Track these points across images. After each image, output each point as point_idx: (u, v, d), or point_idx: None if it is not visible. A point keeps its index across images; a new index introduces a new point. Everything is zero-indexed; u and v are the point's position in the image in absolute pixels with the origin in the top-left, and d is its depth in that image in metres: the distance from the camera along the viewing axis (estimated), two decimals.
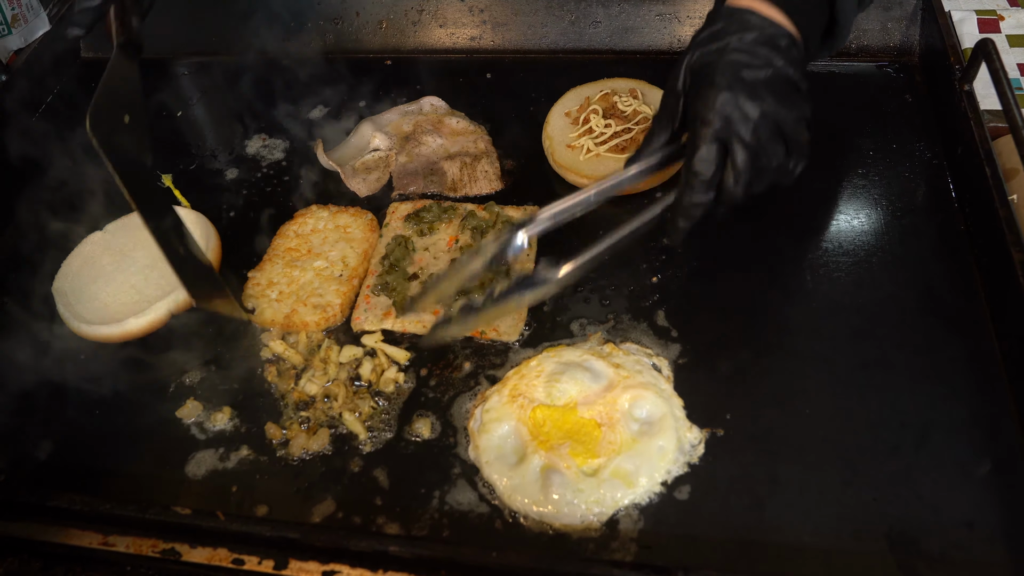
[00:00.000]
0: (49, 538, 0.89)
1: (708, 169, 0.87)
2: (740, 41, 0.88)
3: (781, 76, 0.87)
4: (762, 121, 0.85)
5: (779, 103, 0.86)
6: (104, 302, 1.10)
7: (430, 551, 0.84)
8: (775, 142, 0.87)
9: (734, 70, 0.86)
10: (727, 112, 0.85)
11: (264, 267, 1.15)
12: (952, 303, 1.02)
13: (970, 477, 0.87)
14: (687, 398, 0.96)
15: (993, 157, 1.06)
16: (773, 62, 0.87)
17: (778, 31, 0.89)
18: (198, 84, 1.49)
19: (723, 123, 0.85)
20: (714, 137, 0.86)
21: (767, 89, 0.86)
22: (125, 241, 1.17)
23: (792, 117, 0.87)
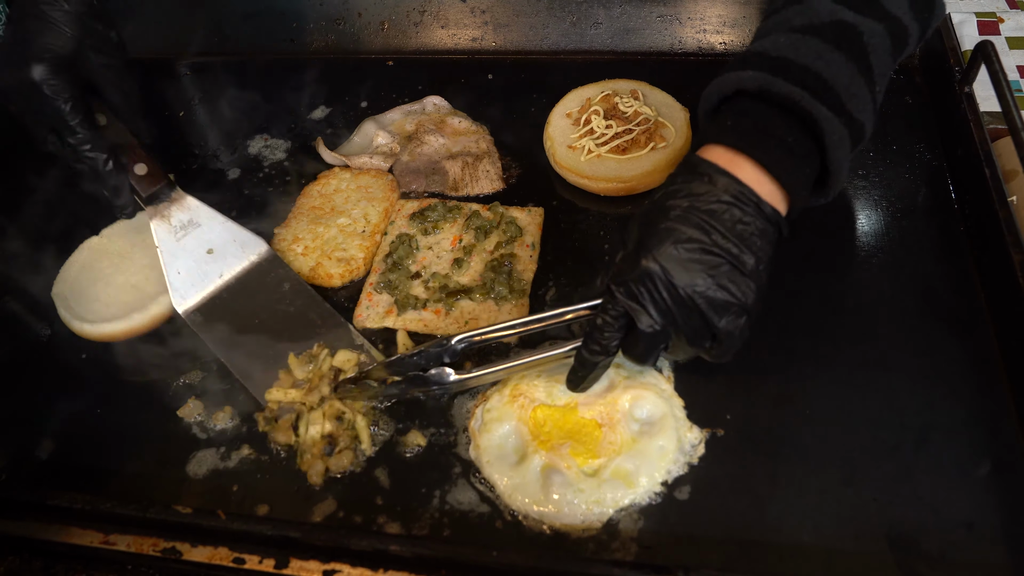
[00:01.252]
0: (50, 537, 0.89)
1: (609, 328, 0.83)
2: (687, 208, 0.81)
3: (721, 255, 0.79)
4: (678, 300, 0.79)
5: (706, 285, 0.78)
6: (105, 303, 1.10)
7: (431, 550, 0.84)
8: (692, 326, 0.80)
9: (664, 240, 0.80)
10: (640, 285, 0.80)
11: (289, 224, 1.21)
12: (952, 304, 1.02)
13: (970, 477, 0.87)
14: (687, 398, 0.96)
15: (993, 159, 1.06)
16: (714, 235, 0.79)
17: (741, 195, 0.81)
18: (200, 84, 1.49)
19: (632, 293, 0.80)
20: (619, 303, 0.81)
21: (696, 269, 0.78)
22: (122, 244, 1.17)
23: (716, 302, 0.79)
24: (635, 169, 1.18)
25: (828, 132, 0.84)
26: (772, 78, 0.84)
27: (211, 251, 1.09)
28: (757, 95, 0.86)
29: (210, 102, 1.46)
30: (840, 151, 0.85)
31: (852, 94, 0.86)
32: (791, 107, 0.84)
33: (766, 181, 0.83)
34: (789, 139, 0.84)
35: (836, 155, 0.85)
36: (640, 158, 1.19)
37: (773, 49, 0.88)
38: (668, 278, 0.79)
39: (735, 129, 0.85)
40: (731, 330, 0.80)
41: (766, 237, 0.82)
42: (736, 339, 0.82)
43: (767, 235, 0.82)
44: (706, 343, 0.83)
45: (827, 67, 0.85)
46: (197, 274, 1.08)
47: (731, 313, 0.80)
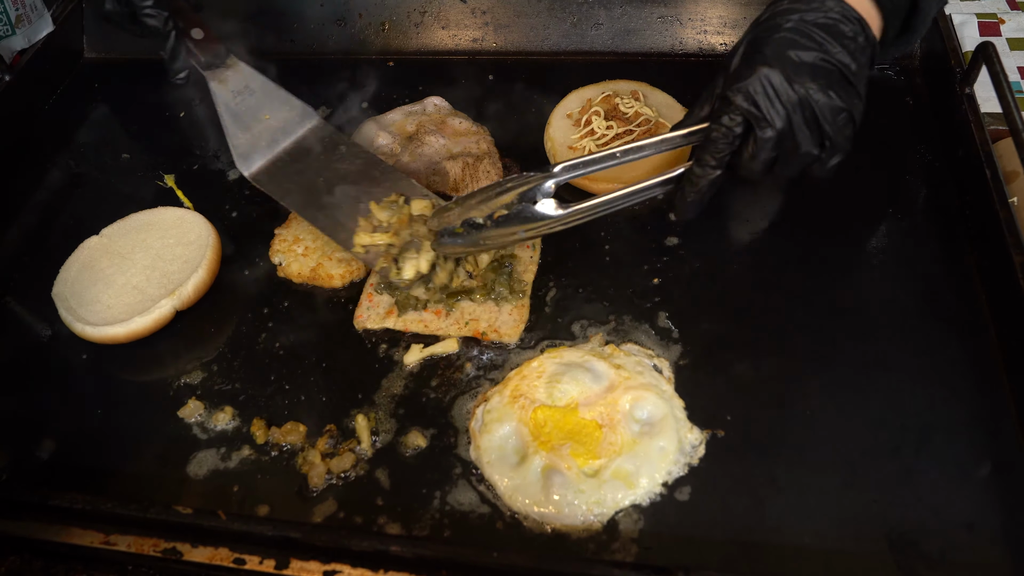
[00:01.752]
0: (51, 537, 0.89)
1: (725, 140, 0.85)
2: (799, 21, 0.85)
3: (832, 62, 0.83)
4: (795, 105, 0.82)
5: (821, 90, 0.82)
6: (107, 304, 1.10)
7: (431, 551, 0.84)
8: (808, 129, 0.84)
9: (781, 48, 0.84)
10: (759, 87, 0.83)
11: (290, 224, 1.21)
12: (952, 305, 1.02)
13: (970, 478, 0.88)
14: (688, 399, 0.96)
15: (993, 160, 1.06)
16: (826, 47, 0.83)
17: (847, 14, 0.85)
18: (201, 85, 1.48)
19: (752, 98, 0.83)
20: (740, 110, 0.84)
21: (811, 73, 0.82)
22: (123, 244, 1.17)
23: (832, 107, 0.83)
24: (636, 170, 1.18)
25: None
26: None
27: (268, 117, 1.14)
28: None
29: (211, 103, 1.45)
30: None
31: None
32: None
33: (868, 5, 0.87)
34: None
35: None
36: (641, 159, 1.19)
37: None
38: (786, 82, 0.82)
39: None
40: (840, 137, 0.84)
41: (867, 55, 0.87)
42: (842, 146, 0.85)
43: (867, 53, 0.87)
44: (815, 149, 0.85)
45: None
46: (258, 138, 1.13)
47: (841, 118, 0.84)
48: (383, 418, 0.99)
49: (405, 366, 1.03)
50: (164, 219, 1.20)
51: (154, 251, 1.15)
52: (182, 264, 1.13)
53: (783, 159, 0.87)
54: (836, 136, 0.85)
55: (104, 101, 1.50)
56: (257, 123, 1.14)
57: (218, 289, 1.15)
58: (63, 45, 1.54)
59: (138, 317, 1.07)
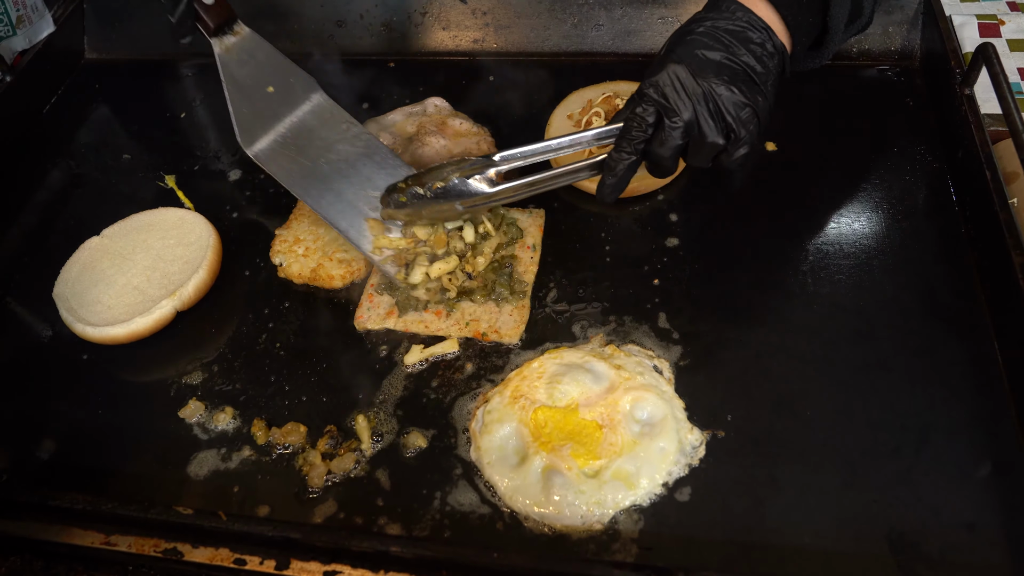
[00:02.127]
0: (51, 537, 0.89)
1: (638, 128, 0.92)
2: (710, 27, 0.93)
3: (737, 62, 0.91)
4: (700, 96, 0.90)
5: (725, 85, 0.89)
6: (107, 304, 1.10)
7: (431, 552, 0.84)
8: (712, 120, 0.90)
9: (690, 48, 0.92)
10: (668, 80, 0.90)
11: (291, 225, 1.20)
12: (952, 305, 1.02)
13: (970, 479, 0.88)
14: (688, 400, 0.96)
15: (993, 161, 1.06)
16: (732, 49, 0.92)
17: (754, 23, 0.93)
18: (202, 85, 1.49)
19: (661, 90, 0.90)
20: (651, 100, 0.91)
21: (716, 70, 0.90)
22: (123, 245, 1.17)
23: (735, 101, 0.90)
24: None
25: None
26: None
27: (271, 89, 1.11)
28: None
29: (212, 103, 1.46)
30: (840, 11, 0.98)
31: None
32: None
33: (775, 19, 0.95)
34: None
35: (836, 13, 0.98)
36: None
37: None
38: (693, 76, 0.90)
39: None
40: (743, 129, 0.91)
41: (774, 60, 0.94)
42: (746, 139, 0.92)
43: (774, 59, 0.94)
44: (720, 139, 0.92)
45: None
46: (261, 112, 1.10)
47: (745, 112, 0.90)
48: (384, 419, 0.99)
49: (405, 367, 1.04)
50: (165, 220, 1.20)
51: (155, 252, 1.16)
52: (183, 265, 1.13)
53: (692, 148, 0.94)
54: (739, 128, 0.91)
55: (105, 101, 1.51)
56: (260, 95, 1.11)
57: (219, 290, 1.15)
58: (64, 45, 1.54)
59: (139, 318, 1.07)
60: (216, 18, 1.08)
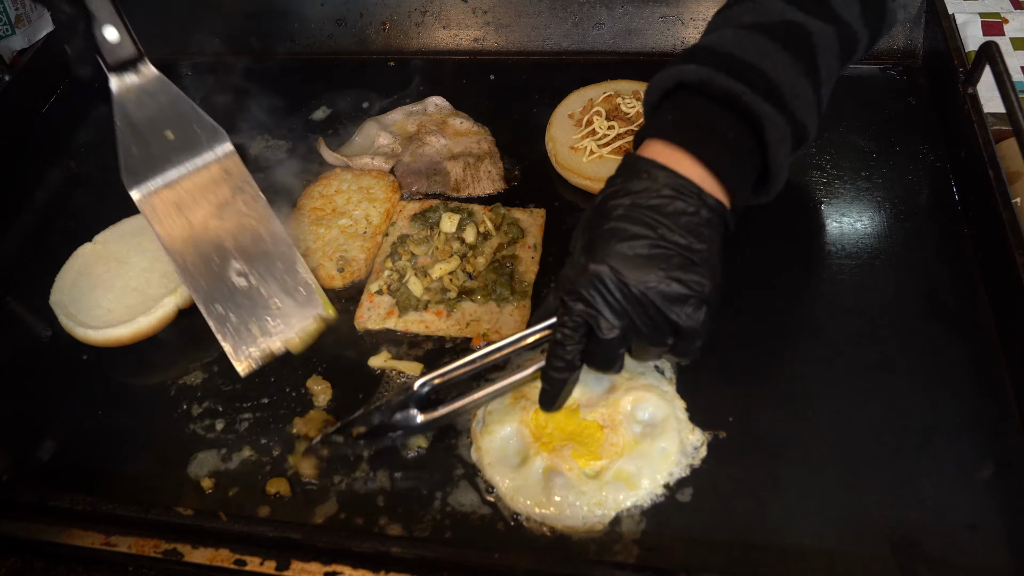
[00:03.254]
0: (51, 538, 0.89)
1: (570, 341, 0.81)
2: (629, 206, 0.79)
3: (669, 246, 0.77)
4: (634, 301, 0.77)
5: (660, 280, 0.76)
6: (107, 308, 1.10)
7: (432, 552, 0.84)
8: (652, 323, 0.78)
9: (611, 241, 0.78)
10: (592, 289, 0.78)
11: (290, 225, 1.19)
12: (955, 306, 1.02)
13: (973, 480, 0.87)
14: (690, 400, 0.96)
15: (996, 160, 1.06)
16: (660, 231, 0.77)
17: (682, 188, 0.79)
18: (201, 85, 1.49)
19: (586, 299, 0.78)
20: (575, 312, 0.79)
21: (646, 264, 0.77)
22: (118, 249, 1.17)
23: (674, 296, 0.77)
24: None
25: (769, 129, 0.82)
26: (715, 72, 0.83)
27: (171, 135, 1.00)
28: (698, 90, 0.85)
29: (211, 103, 1.46)
30: (781, 149, 0.84)
31: (796, 94, 0.84)
32: (732, 103, 0.83)
33: (707, 176, 0.81)
34: (730, 135, 0.83)
35: (777, 152, 0.84)
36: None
37: (719, 45, 0.86)
38: (619, 277, 0.77)
39: (675, 124, 0.84)
40: (691, 324, 0.78)
41: (712, 226, 0.80)
42: (698, 332, 0.79)
43: (713, 224, 0.80)
44: (668, 340, 0.80)
45: (772, 66, 0.84)
46: (154, 156, 1.00)
47: (689, 305, 0.77)
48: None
49: (370, 366, 1.03)
50: None
51: (150, 253, 1.15)
52: None
53: (636, 351, 0.83)
54: (688, 324, 0.78)
55: (104, 101, 1.49)
56: (156, 138, 0.99)
57: None
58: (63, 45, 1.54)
59: (141, 317, 1.07)
60: (117, 54, 0.98)
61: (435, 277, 1.09)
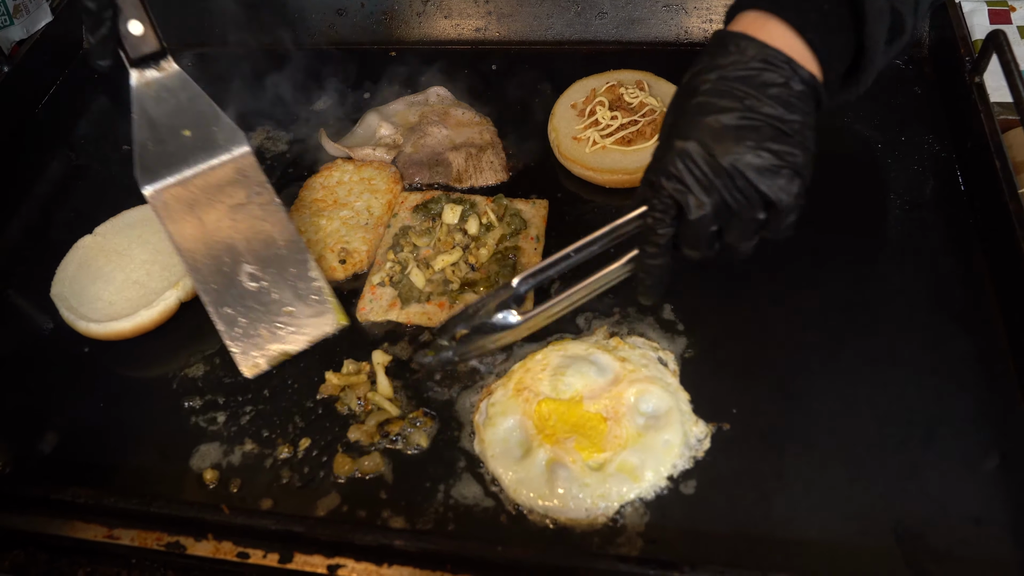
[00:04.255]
0: (54, 531, 0.89)
1: (661, 225, 0.79)
2: (717, 80, 0.77)
3: (759, 117, 0.75)
4: (724, 174, 0.75)
5: (750, 151, 0.74)
6: (109, 301, 1.09)
7: (435, 545, 0.84)
8: (744, 197, 0.76)
9: (697, 115, 0.76)
10: (680, 165, 0.76)
11: (292, 216, 1.19)
12: (961, 297, 1.01)
13: (978, 472, 0.87)
14: (693, 392, 0.95)
15: (1003, 150, 1.05)
16: (749, 102, 0.75)
17: (771, 59, 0.76)
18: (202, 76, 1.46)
19: (675, 177, 0.76)
20: (664, 193, 0.77)
21: (735, 136, 0.75)
22: (118, 241, 1.17)
23: (767, 167, 0.74)
24: (640, 161, 1.17)
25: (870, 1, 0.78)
26: None
27: (188, 133, 0.99)
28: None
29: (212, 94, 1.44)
30: (879, 28, 0.79)
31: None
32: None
33: (801, 47, 0.78)
34: (826, 6, 0.79)
35: (874, 31, 0.79)
36: (645, 150, 1.18)
37: None
38: (707, 152, 0.75)
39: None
40: (784, 196, 0.76)
41: (805, 99, 0.77)
42: (791, 206, 0.77)
43: (805, 97, 0.77)
44: (759, 215, 0.78)
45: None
46: (170, 154, 0.98)
47: (781, 177, 0.75)
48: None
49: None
50: None
51: (151, 245, 1.15)
52: None
53: (729, 231, 0.80)
54: (780, 196, 0.76)
55: (104, 92, 1.50)
56: (174, 137, 0.99)
57: None
58: (62, 35, 1.53)
59: (144, 310, 1.07)
60: (140, 49, 0.98)
61: (437, 269, 1.08)
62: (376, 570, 0.83)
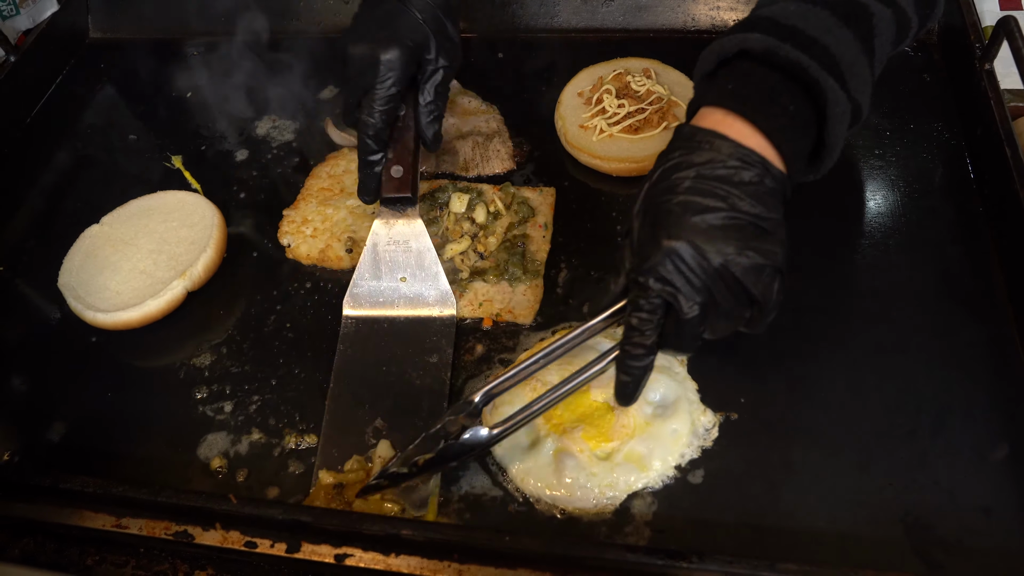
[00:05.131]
0: (63, 520, 0.89)
1: (648, 325, 0.78)
2: (696, 178, 0.77)
3: (743, 219, 0.76)
4: (714, 275, 0.75)
5: (738, 252, 0.74)
6: (116, 290, 1.10)
7: (442, 535, 0.84)
8: (732, 297, 0.76)
9: (682, 214, 0.76)
10: (670, 266, 0.75)
11: (298, 205, 1.19)
12: (970, 286, 1.01)
13: (987, 462, 0.87)
14: (701, 381, 0.95)
15: (1013, 138, 1.04)
16: (732, 200, 0.76)
17: (746, 158, 0.77)
18: (208, 65, 1.48)
19: (665, 278, 0.76)
20: (654, 293, 0.76)
21: (723, 236, 0.75)
22: (124, 231, 1.17)
23: (753, 267, 0.75)
24: (647, 149, 1.17)
25: (832, 103, 0.80)
26: (780, 43, 0.81)
27: (404, 280, 1.06)
28: (761, 59, 0.82)
29: (218, 83, 1.45)
30: (840, 126, 0.82)
31: (855, 73, 0.83)
32: (796, 74, 0.81)
33: (768, 147, 0.79)
34: (791, 107, 0.81)
35: (836, 129, 0.82)
36: (653, 138, 1.17)
37: (782, 16, 0.84)
38: (698, 252, 0.75)
39: (736, 93, 0.82)
40: (770, 295, 0.77)
41: (776, 196, 0.79)
42: (774, 302, 0.78)
43: (777, 194, 0.79)
44: (746, 313, 0.79)
45: (835, 42, 0.82)
46: (380, 292, 1.06)
47: (765, 275, 0.76)
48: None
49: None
50: (164, 203, 1.20)
51: (158, 235, 1.15)
52: (189, 246, 1.13)
53: (712, 329, 0.80)
54: (766, 295, 0.76)
55: (110, 82, 1.49)
56: (390, 278, 1.06)
57: (226, 271, 1.14)
58: (68, 25, 1.53)
59: (151, 300, 1.07)
60: (393, 190, 1.05)
61: (446, 258, 1.08)
62: (383, 560, 0.83)
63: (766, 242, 0.76)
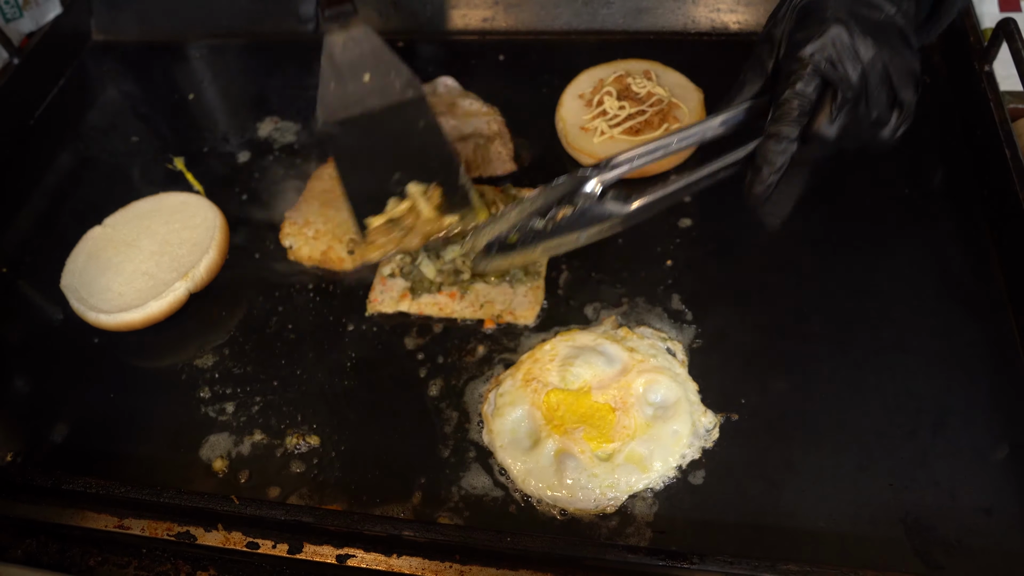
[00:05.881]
0: (66, 521, 0.89)
1: (803, 103, 0.79)
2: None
3: (894, 24, 0.80)
4: (872, 63, 0.78)
5: (892, 50, 0.78)
6: (118, 291, 1.10)
7: (444, 535, 0.84)
8: (881, 90, 0.79)
9: (847, 6, 0.79)
10: (836, 46, 0.77)
11: (300, 207, 1.19)
12: (970, 286, 1.01)
13: (988, 462, 0.87)
14: (702, 382, 0.95)
15: (1013, 139, 1.04)
16: (884, 8, 0.80)
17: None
18: (210, 67, 1.48)
19: (829, 57, 0.78)
20: (816, 71, 0.78)
21: (880, 33, 0.78)
22: (127, 232, 1.17)
23: (902, 68, 0.79)
24: None
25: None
26: None
27: (368, 77, 1.07)
28: None
29: (220, 84, 1.45)
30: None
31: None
32: None
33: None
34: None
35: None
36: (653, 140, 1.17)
37: None
38: (859, 40, 0.77)
39: None
40: (912, 101, 0.80)
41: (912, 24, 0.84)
42: (911, 109, 0.81)
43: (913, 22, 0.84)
44: (888, 112, 0.81)
45: None
46: (348, 95, 1.07)
47: (912, 80, 0.80)
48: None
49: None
50: (166, 205, 1.20)
51: (160, 236, 1.15)
52: (191, 247, 1.13)
53: (854, 125, 0.81)
54: (906, 97, 0.80)
55: (113, 84, 1.50)
56: (355, 80, 1.07)
57: (228, 273, 1.15)
58: (71, 27, 1.53)
59: (153, 301, 1.07)
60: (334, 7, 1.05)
61: (448, 259, 1.08)
62: (385, 560, 0.83)
63: (912, 51, 0.80)
